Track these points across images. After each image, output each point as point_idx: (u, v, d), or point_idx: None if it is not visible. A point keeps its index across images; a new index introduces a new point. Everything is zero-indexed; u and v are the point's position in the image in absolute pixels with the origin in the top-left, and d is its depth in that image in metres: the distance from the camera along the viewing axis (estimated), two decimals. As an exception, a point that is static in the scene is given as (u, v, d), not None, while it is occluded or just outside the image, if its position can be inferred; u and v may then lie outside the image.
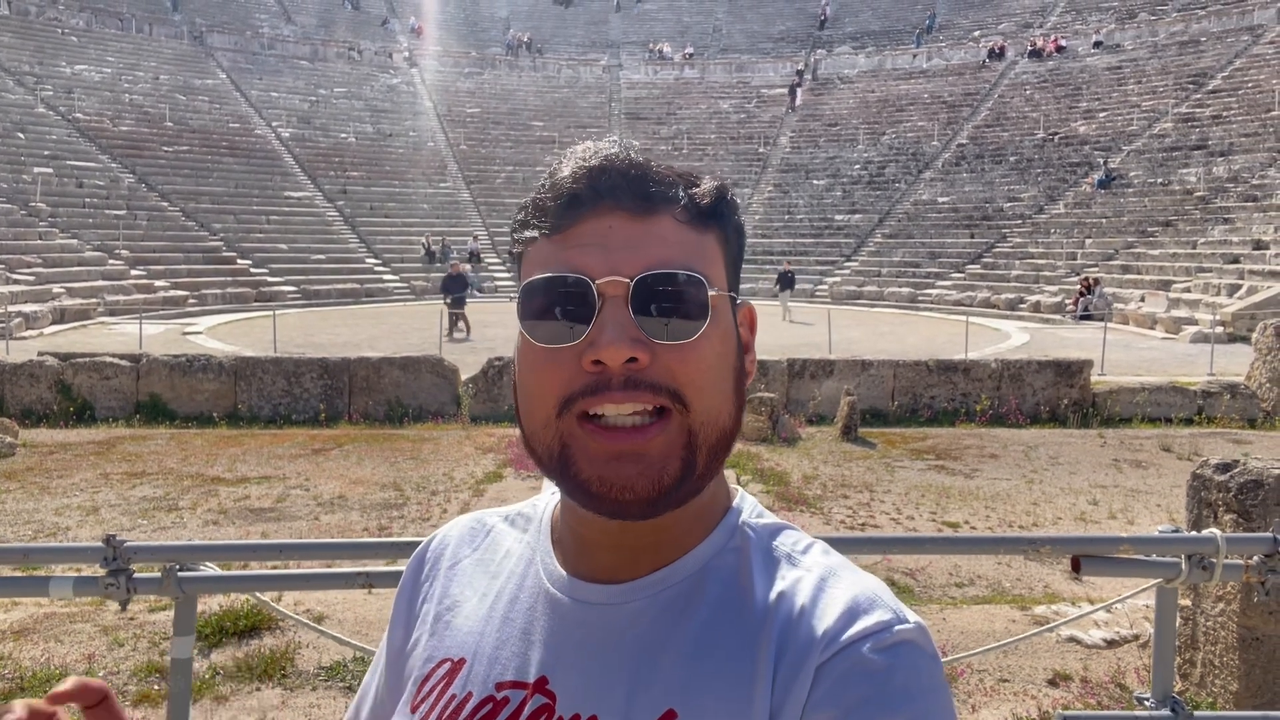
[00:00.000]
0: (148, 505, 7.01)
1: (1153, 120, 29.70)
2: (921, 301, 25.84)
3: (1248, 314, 17.56)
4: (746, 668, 0.69)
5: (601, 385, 0.68)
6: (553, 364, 0.70)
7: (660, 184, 0.73)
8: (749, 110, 40.53)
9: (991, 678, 4.01)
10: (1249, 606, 3.37)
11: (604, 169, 0.72)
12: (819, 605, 0.70)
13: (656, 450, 0.69)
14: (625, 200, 0.71)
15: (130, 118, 31.16)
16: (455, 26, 48.47)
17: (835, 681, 0.65)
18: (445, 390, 11.26)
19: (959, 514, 7.05)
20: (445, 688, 0.77)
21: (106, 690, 0.70)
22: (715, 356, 0.72)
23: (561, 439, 0.70)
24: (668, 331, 0.69)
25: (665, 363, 0.69)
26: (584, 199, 0.71)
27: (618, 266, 0.69)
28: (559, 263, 0.71)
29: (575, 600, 0.76)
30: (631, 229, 0.71)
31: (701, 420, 0.70)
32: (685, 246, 0.72)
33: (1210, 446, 9.20)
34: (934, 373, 11.43)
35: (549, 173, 0.75)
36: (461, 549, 0.87)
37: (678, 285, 0.70)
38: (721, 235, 0.77)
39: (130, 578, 2.24)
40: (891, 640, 0.67)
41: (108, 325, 19.68)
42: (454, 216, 32.52)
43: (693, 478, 0.71)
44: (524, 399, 0.74)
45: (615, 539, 0.75)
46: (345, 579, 2.33)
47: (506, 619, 0.79)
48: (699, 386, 0.70)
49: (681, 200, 0.73)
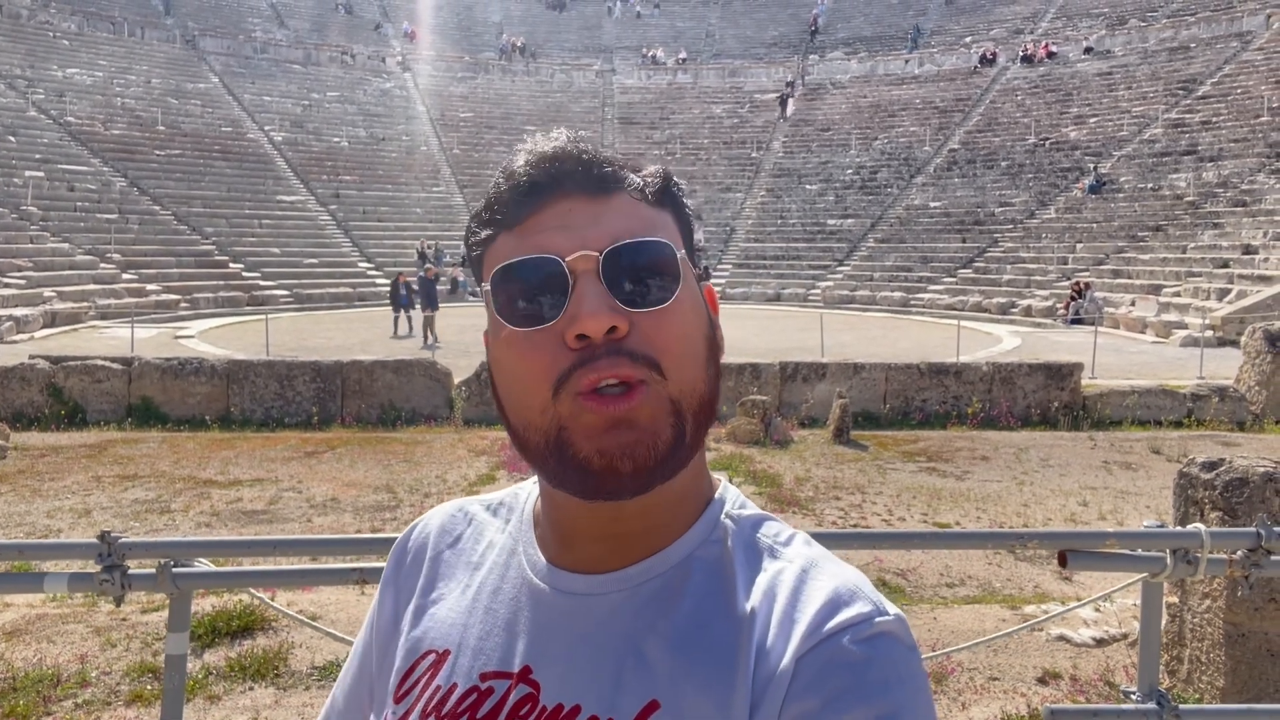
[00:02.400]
0: (140, 508, 7.00)
1: (1143, 126, 29.86)
2: (913, 306, 25.92)
3: (1237, 318, 17.66)
4: (728, 658, 0.69)
5: (588, 357, 0.68)
6: (536, 348, 0.70)
7: (612, 166, 0.75)
8: (742, 115, 40.62)
9: (982, 676, 4.03)
10: (1234, 603, 3.40)
11: (556, 156, 0.74)
12: (800, 597, 0.71)
13: (646, 417, 0.69)
14: (581, 184, 0.73)
15: (122, 121, 31.08)
16: (448, 31, 48.47)
17: (815, 672, 0.66)
18: (438, 393, 11.26)
19: (950, 515, 7.08)
20: (430, 679, 0.78)
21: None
22: (689, 324, 0.74)
23: (560, 421, 0.70)
24: (642, 299, 0.70)
25: (643, 331, 0.70)
26: (541, 186, 0.73)
27: (585, 242, 0.70)
28: (524, 250, 0.72)
29: (558, 591, 0.77)
30: (591, 208, 0.73)
31: (680, 388, 0.71)
32: (646, 219, 0.74)
33: (1199, 448, 9.25)
34: (926, 376, 11.48)
35: (502, 171, 0.77)
36: (442, 539, 0.88)
37: (647, 253, 0.71)
38: (674, 214, 0.78)
39: (125, 574, 2.25)
40: (871, 632, 0.68)
41: (99, 329, 19.62)
42: (447, 220, 32.50)
43: (684, 445, 0.71)
44: (512, 390, 0.74)
45: (599, 529, 0.75)
46: (339, 575, 2.34)
47: (490, 610, 0.79)
48: (676, 355, 0.71)
49: (634, 183, 0.75)
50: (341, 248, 29.66)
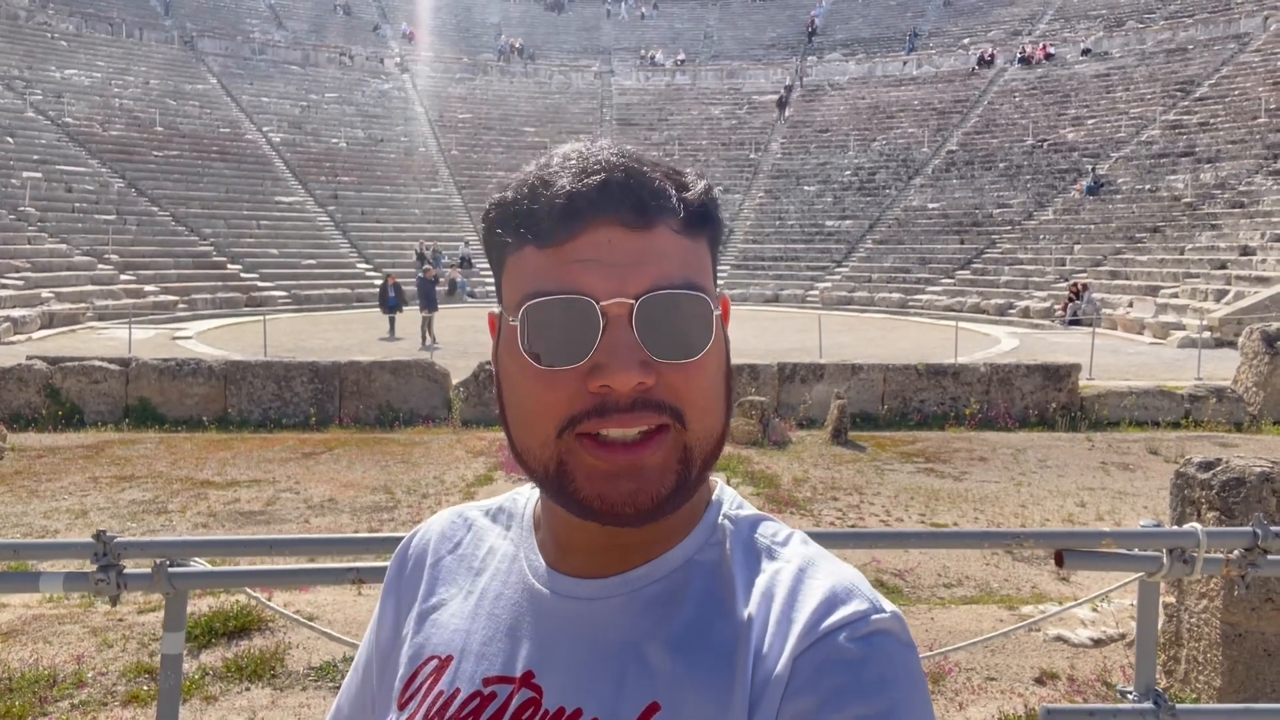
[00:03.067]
0: (137, 508, 6.99)
1: (1141, 127, 29.90)
2: (911, 307, 25.93)
3: (1234, 319, 17.67)
4: (727, 661, 0.70)
5: (609, 408, 0.67)
6: (554, 385, 0.69)
7: (658, 195, 0.71)
8: (740, 116, 40.63)
9: (979, 676, 4.03)
10: (1231, 603, 3.40)
11: (605, 183, 0.69)
12: (797, 596, 0.71)
13: (654, 465, 0.69)
14: (624, 214, 0.69)
15: (120, 122, 31.06)
16: (447, 32, 48.48)
17: (812, 671, 0.66)
18: (436, 394, 11.25)
19: (948, 516, 7.08)
20: (433, 684, 0.78)
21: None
22: (714, 371, 0.73)
23: (560, 457, 0.70)
24: (672, 351, 0.69)
25: (669, 382, 0.69)
26: (581, 212, 0.69)
27: (621, 285, 0.68)
28: (557, 279, 0.69)
29: (560, 595, 0.77)
30: (630, 243, 0.69)
31: (698, 437, 0.71)
32: (684, 260, 0.71)
33: (1196, 449, 9.24)
34: (924, 377, 11.48)
35: (536, 175, 0.72)
36: (443, 545, 0.87)
37: (682, 304, 0.69)
38: (711, 238, 0.76)
39: (121, 573, 2.24)
40: (867, 630, 0.68)
41: (97, 330, 19.60)
42: (446, 222, 32.50)
43: (688, 487, 0.71)
44: (519, 417, 0.73)
45: (601, 540, 0.75)
46: (336, 574, 2.34)
47: (492, 615, 0.79)
48: (700, 406, 0.71)
49: (678, 211, 0.72)
50: (339, 249, 29.65)
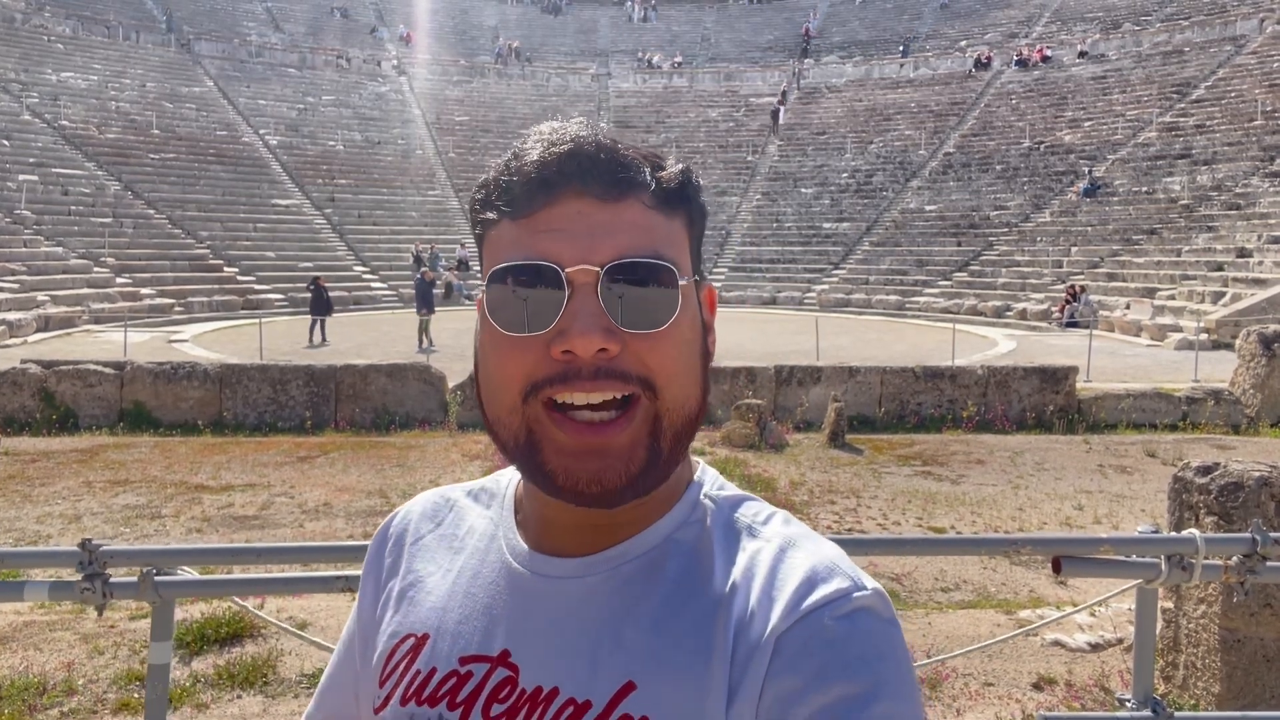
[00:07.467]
0: (130, 513, 6.95)
1: (1137, 129, 29.92)
2: (909, 309, 25.92)
3: (1232, 321, 17.68)
4: (705, 639, 0.69)
5: (571, 374, 0.68)
6: (519, 350, 0.69)
7: (628, 168, 0.72)
8: (737, 119, 40.64)
9: (976, 681, 4.01)
10: (1230, 608, 3.38)
11: (572, 153, 0.70)
12: (778, 576, 0.70)
13: (622, 444, 0.69)
14: (593, 184, 0.70)
15: (117, 125, 31.00)
16: (444, 35, 48.46)
17: (796, 651, 0.66)
18: (433, 398, 11.22)
19: (945, 519, 7.06)
20: (410, 663, 0.78)
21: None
22: (684, 344, 0.72)
23: (528, 425, 0.70)
24: (638, 320, 0.69)
25: (635, 351, 0.69)
26: (551, 183, 0.70)
27: (588, 254, 0.68)
28: (526, 248, 0.70)
29: (537, 574, 0.77)
30: (600, 214, 0.70)
31: (669, 406, 0.71)
32: (654, 232, 0.72)
33: (1194, 452, 9.24)
34: (921, 379, 11.46)
35: (513, 152, 0.73)
36: (424, 525, 0.88)
37: (648, 273, 0.69)
38: (687, 218, 0.76)
39: (106, 582, 2.21)
40: (850, 608, 0.67)
41: (93, 333, 19.56)
42: (442, 224, 32.46)
43: (659, 465, 0.71)
44: (487, 384, 0.74)
45: (579, 519, 0.75)
46: (324, 583, 2.31)
47: (469, 594, 0.79)
48: (669, 374, 0.70)
49: (650, 185, 0.72)
50: (336, 251, 29.59)
